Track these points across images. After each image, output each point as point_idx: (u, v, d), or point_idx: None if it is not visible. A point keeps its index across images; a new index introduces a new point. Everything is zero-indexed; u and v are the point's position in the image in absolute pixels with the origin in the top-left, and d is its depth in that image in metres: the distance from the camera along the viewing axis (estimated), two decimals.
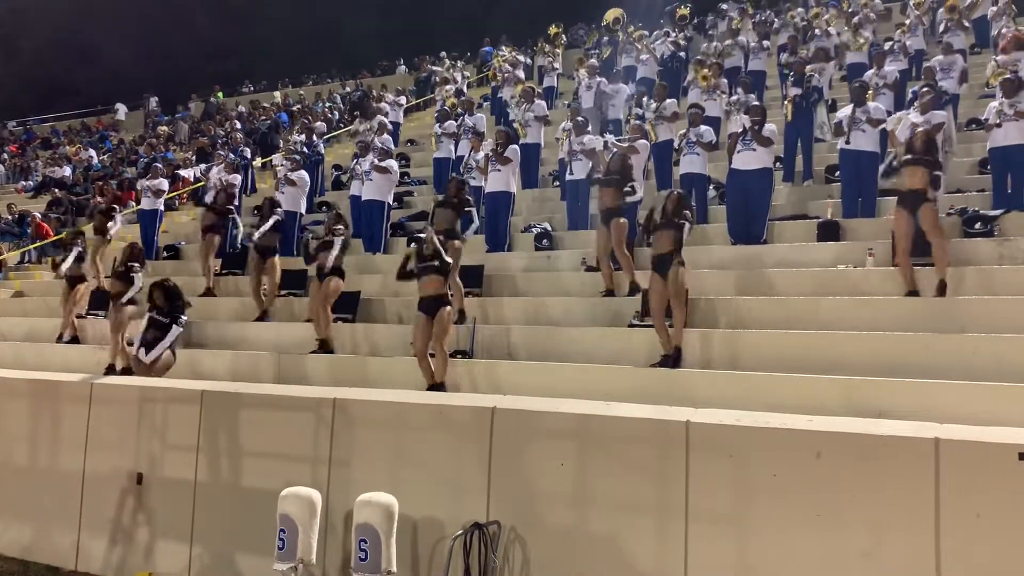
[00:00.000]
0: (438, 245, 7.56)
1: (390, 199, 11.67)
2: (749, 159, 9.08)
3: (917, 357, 6.27)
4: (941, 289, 7.09)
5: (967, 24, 13.88)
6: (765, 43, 14.93)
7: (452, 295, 8.21)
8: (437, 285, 7.56)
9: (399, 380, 7.65)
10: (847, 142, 9.26)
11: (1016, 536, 3.86)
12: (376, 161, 11.45)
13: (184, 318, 8.21)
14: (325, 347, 8.72)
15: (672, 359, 7.04)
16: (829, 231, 8.85)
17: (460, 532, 5.01)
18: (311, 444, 5.91)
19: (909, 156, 7.49)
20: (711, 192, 10.61)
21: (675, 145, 10.69)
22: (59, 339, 10.71)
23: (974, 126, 11.19)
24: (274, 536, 5.32)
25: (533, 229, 10.76)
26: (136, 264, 9.57)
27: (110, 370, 9.26)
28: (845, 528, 4.19)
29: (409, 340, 7.86)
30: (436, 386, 7.41)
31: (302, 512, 5.32)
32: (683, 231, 7.29)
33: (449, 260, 7.69)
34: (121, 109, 30.12)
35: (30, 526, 7.11)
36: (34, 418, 7.34)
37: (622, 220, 8.42)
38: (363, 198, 11.54)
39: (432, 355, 7.52)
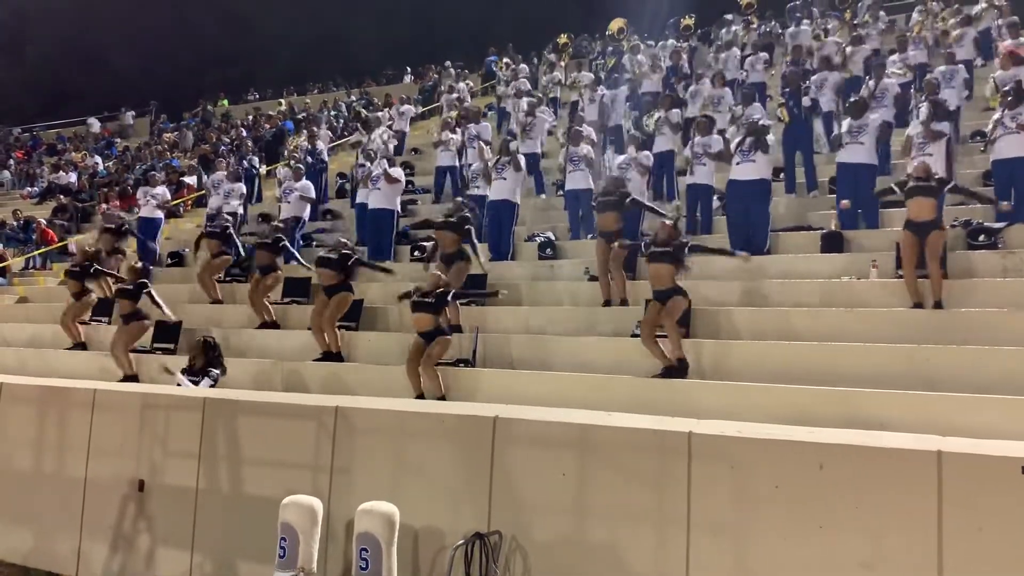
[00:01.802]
0: (439, 288, 7.72)
1: (398, 207, 11.69)
2: (747, 170, 9.09)
3: (920, 369, 6.28)
4: (938, 307, 7.21)
5: (975, 35, 13.90)
6: (763, 55, 14.93)
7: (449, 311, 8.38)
8: (428, 322, 7.71)
9: (401, 388, 7.67)
10: (841, 152, 9.32)
11: (1019, 550, 3.84)
12: (387, 168, 11.48)
13: (216, 372, 8.16)
14: (333, 356, 8.80)
15: (677, 371, 7.04)
16: (833, 242, 8.85)
17: (461, 542, 4.99)
18: (312, 452, 5.90)
19: (914, 185, 7.49)
20: (715, 203, 10.62)
21: (683, 154, 10.73)
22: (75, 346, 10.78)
23: (978, 138, 11.20)
24: (275, 544, 5.31)
25: (536, 238, 10.78)
26: (145, 281, 9.71)
27: (129, 379, 9.31)
28: (847, 540, 4.18)
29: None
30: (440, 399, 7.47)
31: (303, 520, 5.31)
32: (682, 262, 7.33)
33: (448, 293, 7.81)
34: (95, 124, 30.29)
35: (31, 532, 7.10)
36: (36, 424, 7.34)
37: (619, 247, 8.47)
38: (370, 206, 11.54)
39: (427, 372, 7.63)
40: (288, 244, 10.43)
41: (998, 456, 4.02)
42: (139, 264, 10.65)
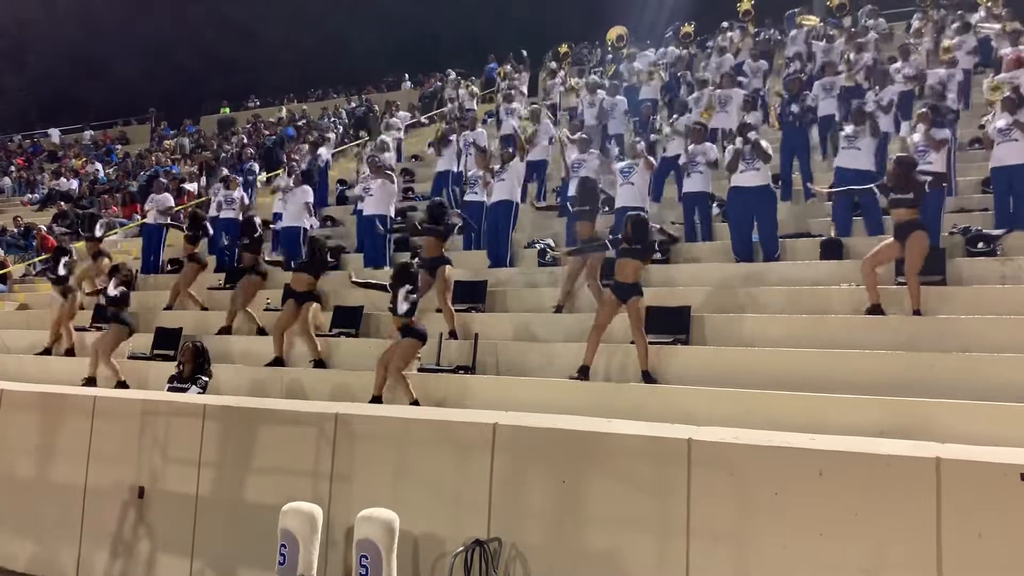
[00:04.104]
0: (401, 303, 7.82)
1: (392, 212, 11.69)
2: (752, 177, 9.07)
3: (919, 376, 6.27)
4: (916, 314, 7.16)
5: (974, 43, 13.93)
6: (763, 63, 14.95)
7: (442, 314, 8.70)
8: (400, 322, 7.87)
9: (400, 395, 7.67)
10: (839, 157, 9.34)
11: (1018, 556, 3.85)
12: (373, 176, 11.56)
13: (205, 379, 8.19)
14: (281, 362, 9.05)
15: (645, 378, 7.18)
16: (831, 249, 8.86)
17: (461, 549, 5.00)
18: (313, 459, 5.91)
19: (892, 196, 7.48)
20: (715, 210, 10.62)
21: (679, 162, 10.76)
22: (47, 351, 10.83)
23: (977, 145, 11.21)
24: (275, 551, 5.32)
25: (536, 245, 10.79)
26: (125, 287, 9.72)
27: (89, 382, 9.33)
28: (846, 547, 4.18)
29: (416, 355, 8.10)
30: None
31: (303, 527, 5.32)
32: (648, 257, 7.44)
33: (410, 296, 7.87)
34: (55, 133, 30.35)
35: (31, 539, 7.11)
36: (37, 431, 7.35)
37: (595, 255, 8.52)
38: (364, 212, 11.58)
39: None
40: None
41: (997, 463, 4.02)
42: (125, 265, 10.63)
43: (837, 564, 4.19)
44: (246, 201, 13.47)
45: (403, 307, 7.77)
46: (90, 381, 9.38)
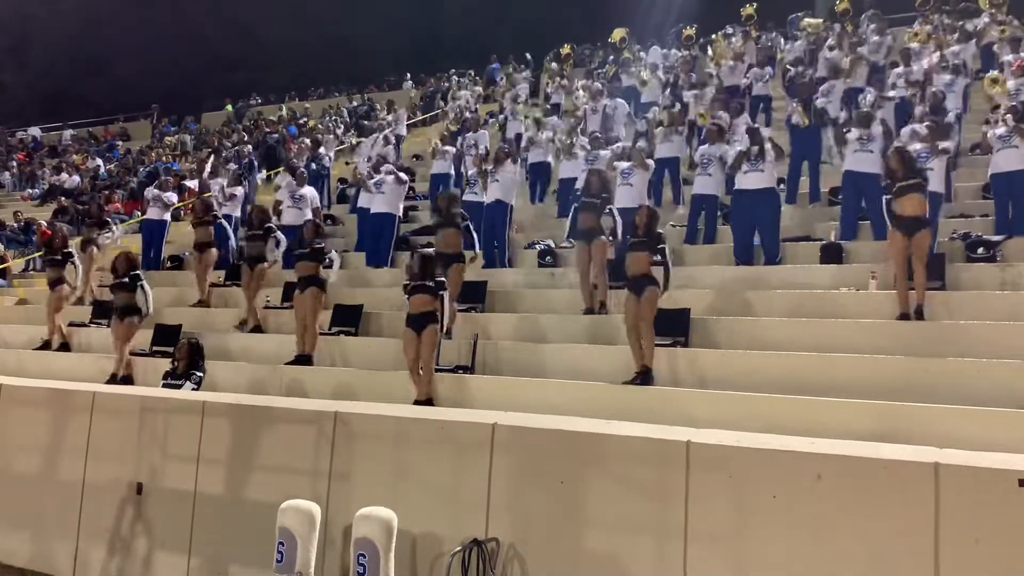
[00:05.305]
0: (432, 268, 7.76)
1: (400, 212, 11.67)
2: (756, 179, 9.08)
3: (917, 381, 6.28)
4: (919, 313, 7.19)
5: (974, 50, 13.94)
6: (768, 69, 14.96)
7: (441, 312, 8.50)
8: (426, 303, 7.71)
9: (401, 394, 7.68)
10: (848, 160, 9.34)
11: (1016, 562, 3.85)
12: (384, 175, 11.54)
13: (200, 375, 8.18)
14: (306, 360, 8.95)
15: (641, 378, 7.11)
16: (832, 253, 8.87)
17: (459, 548, 5.00)
18: (311, 457, 5.91)
19: (900, 184, 7.47)
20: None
21: (695, 160, 10.78)
22: (46, 346, 10.81)
23: (978, 151, 11.22)
24: (273, 549, 5.32)
25: (536, 246, 10.79)
26: (138, 272, 9.68)
27: (112, 379, 9.30)
28: (844, 550, 4.19)
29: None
30: (425, 401, 7.53)
31: (301, 525, 5.32)
32: (660, 252, 7.37)
33: (443, 280, 7.80)
34: (35, 131, 30.39)
35: (29, 535, 7.10)
36: (35, 426, 7.34)
37: (601, 239, 8.53)
38: (372, 210, 11.55)
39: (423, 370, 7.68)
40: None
41: (995, 468, 4.03)
42: (131, 253, 10.63)
43: (835, 567, 4.20)
44: (239, 196, 13.47)
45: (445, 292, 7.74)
46: (126, 379, 9.40)
